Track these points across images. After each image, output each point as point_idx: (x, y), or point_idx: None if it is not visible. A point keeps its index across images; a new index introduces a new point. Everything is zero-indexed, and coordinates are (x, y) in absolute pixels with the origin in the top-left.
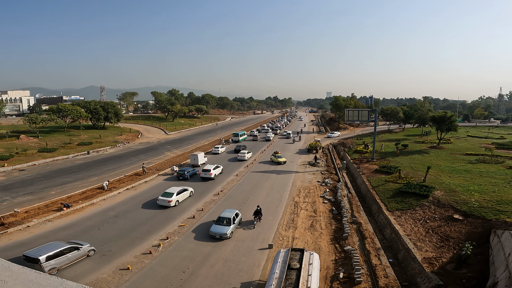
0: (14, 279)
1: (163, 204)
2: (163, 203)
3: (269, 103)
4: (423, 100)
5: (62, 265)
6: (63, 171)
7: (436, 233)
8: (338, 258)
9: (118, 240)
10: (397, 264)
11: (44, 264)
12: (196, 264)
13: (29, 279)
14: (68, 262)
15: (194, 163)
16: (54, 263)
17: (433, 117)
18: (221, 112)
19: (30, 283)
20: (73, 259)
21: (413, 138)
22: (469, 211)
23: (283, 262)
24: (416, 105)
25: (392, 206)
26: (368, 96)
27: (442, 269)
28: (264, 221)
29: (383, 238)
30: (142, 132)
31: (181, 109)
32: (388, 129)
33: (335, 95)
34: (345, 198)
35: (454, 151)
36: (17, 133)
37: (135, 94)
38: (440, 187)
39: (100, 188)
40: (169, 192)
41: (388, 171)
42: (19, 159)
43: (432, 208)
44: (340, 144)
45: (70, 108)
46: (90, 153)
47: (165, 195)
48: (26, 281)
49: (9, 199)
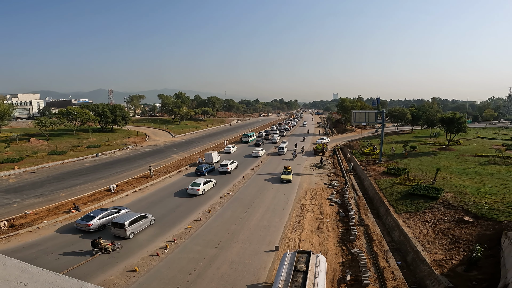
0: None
1: (192, 193)
2: (192, 192)
3: (274, 106)
4: (432, 101)
5: (136, 231)
6: (73, 173)
7: (446, 235)
8: (345, 260)
9: (125, 242)
10: (405, 266)
11: (127, 228)
12: (202, 266)
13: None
14: (140, 229)
15: (208, 161)
16: (133, 228)
17: (442, 118)
18: (227, 114)
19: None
20: (143, 226)
21: (421, 140)
22: (480, 213)
23: (289, 264)
24: (424, 106)
25: (400, 208)
26: (375, 98)
27: (452, 271)
28: (270, 224)
29: (391, 240)
30: (149, 135)
31: (187, 111)
32: (395, 130)
33: (342, 97)
34: (352, 200)
35: (464, 152)
36: (28, 136)
37: (142, 97)
38: (450, 189)
39: (108, 190)
40: (197, 182)
41: (396, 173)
42: (29, 162)
43: (442, 210)
44: (347, 146)
45: (79, 111)
46: (98, 155)
47: (193, 185)
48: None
49: (19, 201)
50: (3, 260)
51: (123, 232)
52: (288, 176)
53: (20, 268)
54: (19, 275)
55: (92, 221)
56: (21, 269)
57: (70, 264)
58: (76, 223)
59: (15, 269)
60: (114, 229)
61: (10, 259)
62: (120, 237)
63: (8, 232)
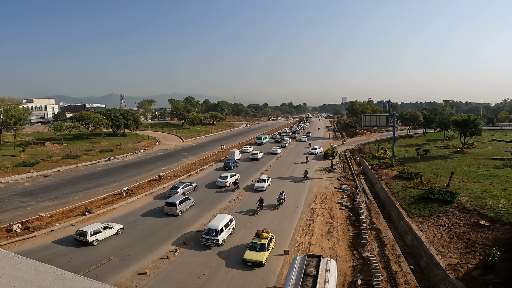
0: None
1: (221, 185)
2: (221, 184)
3: (283, 109)
4: (444, 104)
5: (184, 209)
6: (86, 177)
7: (461, 240)
8: (356, 265)
9: (136, 245)
10: (418, 271)
11: (178, 206)
12: (211, 270)
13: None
14: (185, 208)
15: (231, 157)
16: (181, 207)
17: (455, 121)
18: (236, 119)
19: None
20: (187, 206)
21: (434, 143)
22: (496, 217)
23: (299, 268)
24: (437, 109)
25: (413, 212)
26: (385, 101)
27: (468, 275)
28: (279, 227)
29: (404, 244)
30: (160, 139)
31: (197, 116)
32: (407, 134)
33: (351, 100)
34: (363, 204)
35: (479, 156)
36: (43, 140)
37: (153, 102)
38: (465, 193)
39: (120, 193)
40: (225, 175)
41: (408, 177)
42: (44, 166)
43: (457, 214)
44: (357, 150)
45: (92, 116)
46: (111, 159)
47: (222, 177)
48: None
49: (34, 204)
50: (35, 265)
51: (174, 210)
52: (256, 256)
53: (53, 274)
54: (53, 281)
55: (178, 190)
56: (54, 275)
57: (83, 266)
58: (168, 191)
59: (48, 274)
60: (167, 208)
61: (43, 265)
62: (171, 214)
63: (22, 234)
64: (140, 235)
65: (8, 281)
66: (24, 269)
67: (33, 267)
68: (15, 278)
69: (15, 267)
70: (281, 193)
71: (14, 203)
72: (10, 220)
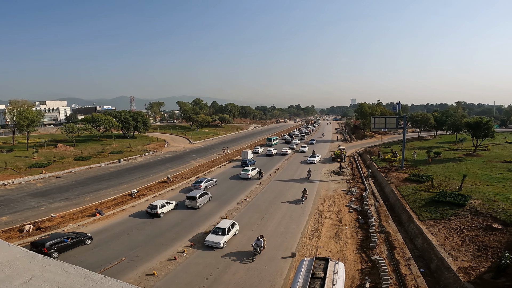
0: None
1: (244, 177)
2: (244, 176)
3: (291, 112)
4: (456, 106)
5: (202, 203)
6: (97, 178)
7: (473, 243)
8: (365, 267)
9: (145, 246)
10: (429, 274)
11: (198, 200)
12: (218, 271)
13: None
14: (204, 202)
15: (244, 157)
16: (200, 200)
17: (468, 123)
18: (244, 121)
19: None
20: (206, 201)
21: (446, 146)
22: (509, 220)
23: (306, 271)
24: (449, 111)
25: (424, 215)
26: (395, 103)
27: (479, 278)
28: (287, 230)
29: (414, 248)
30: (168, 141)
31: (205, 118)
32: (418, 136)
33: (360, 102)
34: (372, 207)
35: (492, 158)
36: (55, 142)
37: (162, 104)
38: (477, 196)
39: (130, 195)
40: (247, 169)
41: (419, 179)
42: (56, 167)
43: (469, 217)
44: (366, 153)
45: (103, 118)
46: (121, 161)
47: (244, 171)
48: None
49: (46, 204)
50: (64, 267)
51: (194, 203)
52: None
53: (83, 275)
54: (84, 283)
55: (201, 184)
56: (84, 276)
57: (92, 267)
58: (192, 185)
59: (78, 276)
60: (188, 201)
61: (72, 266)
62: (191, 208)
63: (34, 234)
64: (149, 236)
65: (40, 282)
66: (54, 271)
67: (62, 268)
68: (46, 279)
69: (45, 269)
70: (258, 238)
71: (26, 203)
72: (22, 220)
